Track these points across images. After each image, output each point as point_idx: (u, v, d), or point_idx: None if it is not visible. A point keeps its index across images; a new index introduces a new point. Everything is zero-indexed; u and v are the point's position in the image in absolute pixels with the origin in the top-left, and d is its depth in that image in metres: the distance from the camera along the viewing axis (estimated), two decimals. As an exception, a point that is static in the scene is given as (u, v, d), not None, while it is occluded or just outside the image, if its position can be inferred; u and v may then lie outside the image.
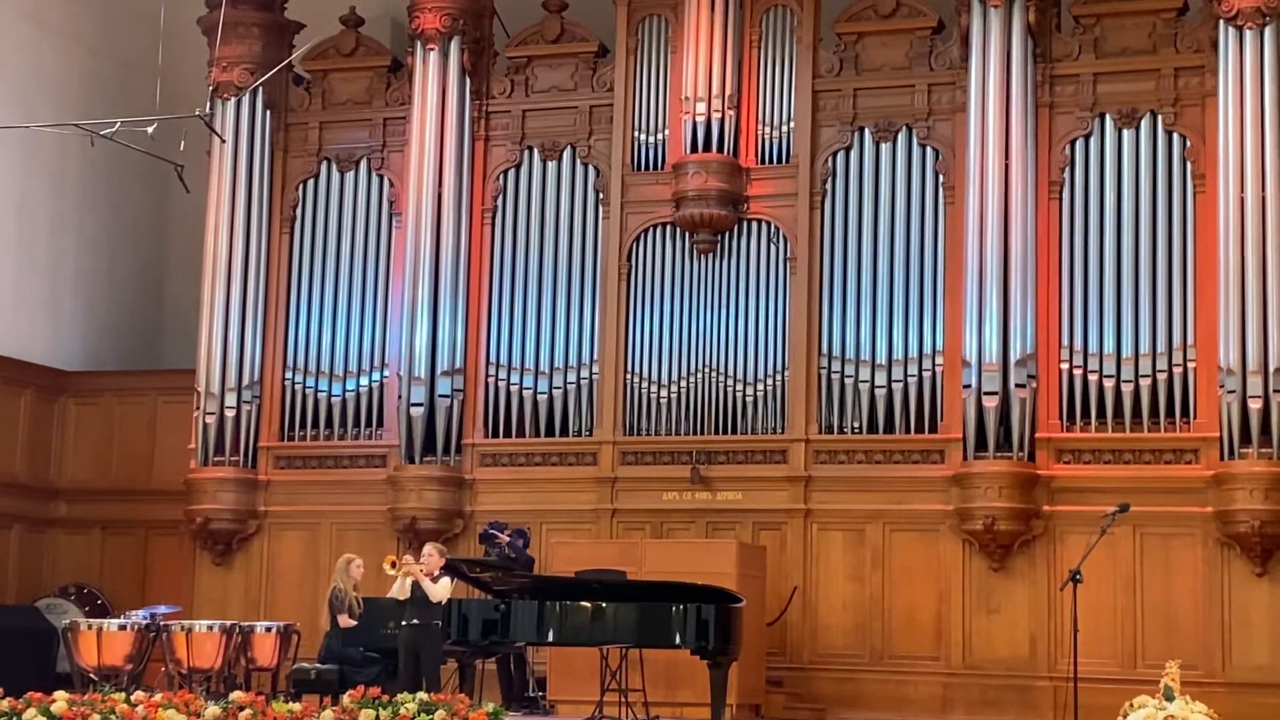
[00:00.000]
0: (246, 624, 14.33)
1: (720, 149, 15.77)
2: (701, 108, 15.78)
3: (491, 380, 16.46)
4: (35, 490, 17.93)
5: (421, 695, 10.51)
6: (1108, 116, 15.18)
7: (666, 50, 16.32)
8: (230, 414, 16.85)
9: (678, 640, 12.20)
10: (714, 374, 15.84)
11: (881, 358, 15.40)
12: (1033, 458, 14.85)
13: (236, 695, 10.35)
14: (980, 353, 14.85)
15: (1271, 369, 14.08)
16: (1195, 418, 14.59)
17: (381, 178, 17.13)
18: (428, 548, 13.32)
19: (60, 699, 10.11)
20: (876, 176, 15.74)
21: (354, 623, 13.77)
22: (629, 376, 16.07)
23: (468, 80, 16.72)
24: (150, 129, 13.23)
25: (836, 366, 15.52)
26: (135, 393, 18.24)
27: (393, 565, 12.95)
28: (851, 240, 15.70)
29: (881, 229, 15.62)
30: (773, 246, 15.91)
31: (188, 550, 17.17)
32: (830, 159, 15.85)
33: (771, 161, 15.97)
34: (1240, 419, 14.12)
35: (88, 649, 13.45)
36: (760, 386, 15.72)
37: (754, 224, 15.98)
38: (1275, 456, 14.07)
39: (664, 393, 15.96)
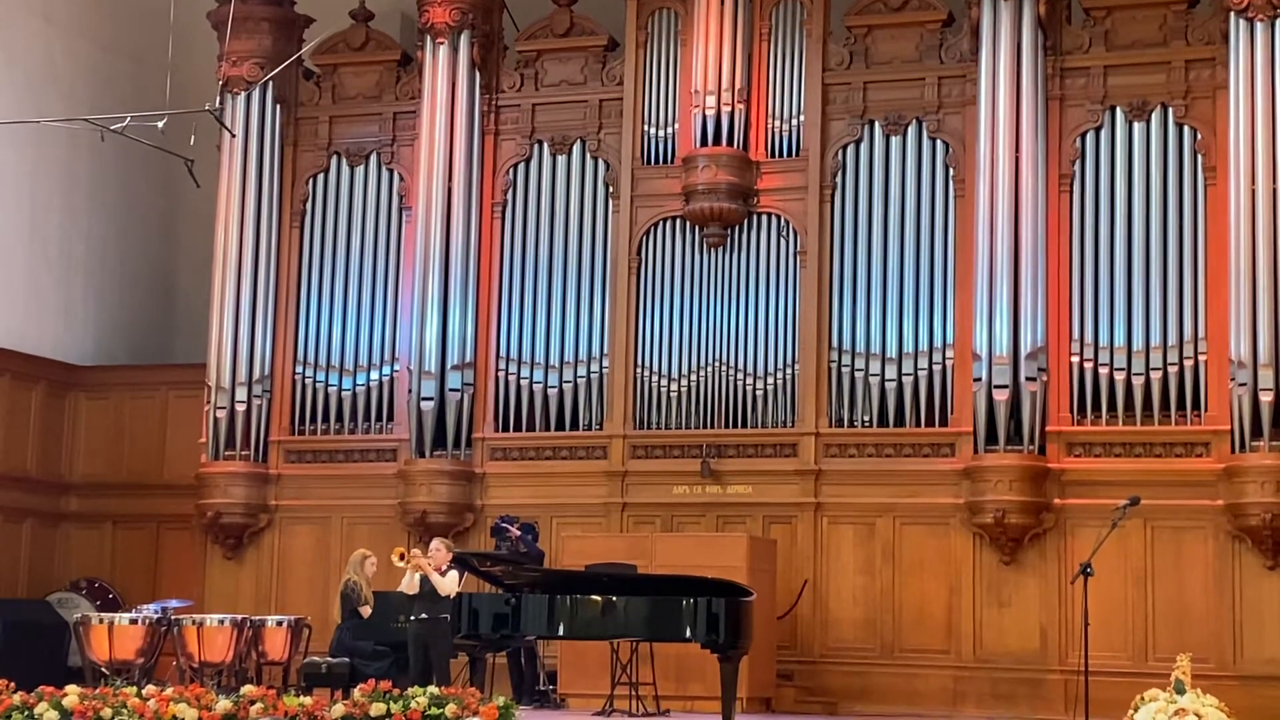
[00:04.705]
0: (257, 618, 14.35)
1: (730, 142, 15.77)
2: (711, 101, 15.77)
3: (501, 374, 16.47)
4: (46, 485, 17.95)
5: (432, 689, 10.53)
6: (1118, 109, 15.16)
7: (676, 44, 16.31)
8: (241, 408, 16.87)
9: (688, 634, 12.18)
10: (724, 368, 15.84)
11: (892, 351, 15.39)
12: (1043, 451, 14.84)
13: (248, 689, 10.39)
14: (990, 346, 14.83)
15: (1283, 362, 14.07)
16: (1206, 410, 14.57)
17: (391, 172, 17.13)
18: (435, 542, 13.34)
19: (72, 693, 10.15)
20: (886, 170, 15.72)
21: (369, 611, 13.79)
22: (639, 370, 16.06)
23: (477, 74, 16.72)
24: (160, 124, 13.24)
25: (847, 360, 15.51)
26: (146, 387, 18.25)
27: (401, 557, 12.96)
28: (862, 234, 15.69)
29: (892, 222, 15.61)
30: (783, 240, 15.91)
31: (199, 544, 17.20)
32: (840, 152, 15.83)
33: (781, 155, 15.95)
34: (1251, 412, 14.10)
35: (99, 643, 13.47)
36: (770, 380, 15.71)
37: (764, 217, 15.97)
38: (1286, 449, 14.07)
39: (674, 386, 15.96)
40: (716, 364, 15.87)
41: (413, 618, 13.04)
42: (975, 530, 14.97)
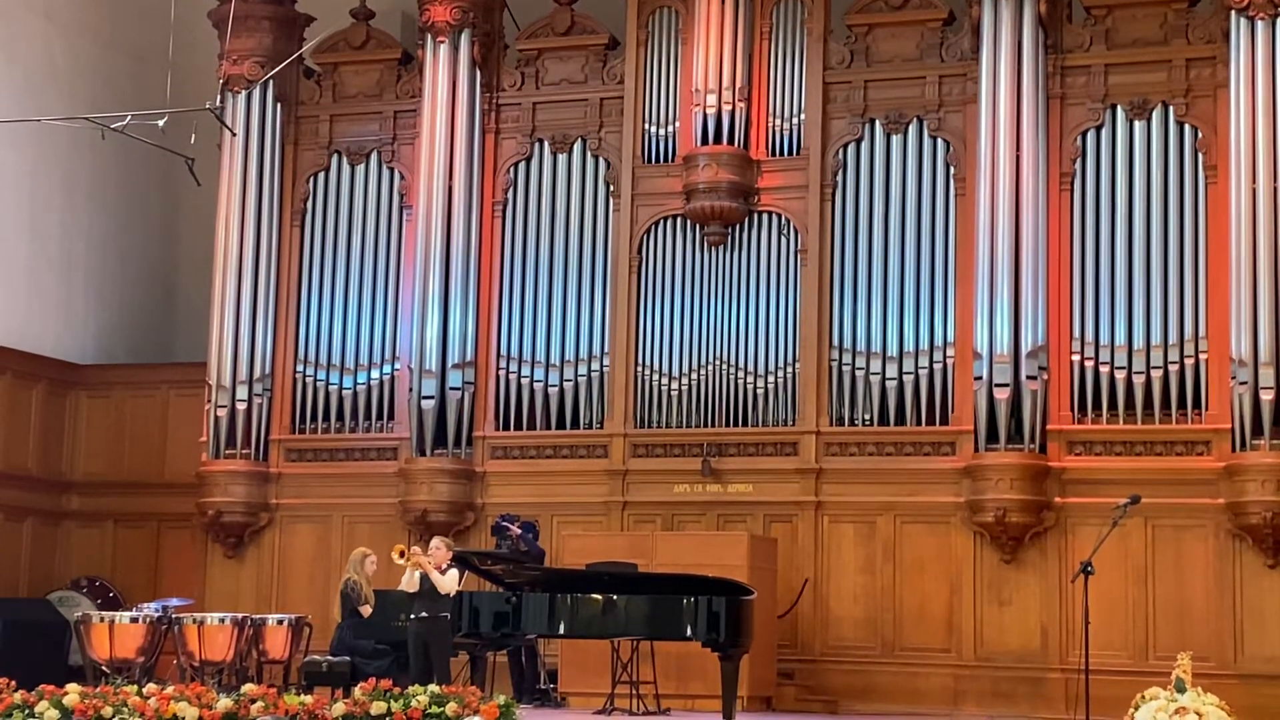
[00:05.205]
0: (258, 616, 14.35)
1: (731, 141, 15.76)
2: (712, 100, 15.77)
3: (502, 373, 16.47)
4: (47, 483, 17.96)
5: (433, 688, 10.54)
6: (1119, 108, 15.15)
7: (677, 42, 16.31)
8: (241, 407, 16.87)
9: (689, 633, 12.18)
10: (725, 366, 15.84)
11: (893, 350, 15.38)
12: (1044, 449, 14.84)
13: (248, 688, 10.39)
14: (991, 344, 14.83)
15: (1283, 360, 14.07)
16: (1207, 409, 14.57)
17: (392, 171, 17.13)
18: (435, 541, 13.35)
19: (73, 692, 10.15)
20: (887, 168, 15.72)
21: (369, 610, 13.79)
22: (640, 369, 16.06)
23: (478, 73, 16.72)
24: (161, 122, 13.24)
25: (847, 359, 15.51)
26: (147, 386, 18.26)
27: (401, 555, 12.96)
28: (862, 232, 15.69)
29: (892, 221, 15.61)
30: (783, 239, 15.90)
31: (199, 543, 17.21)
32: (841, 151, 15.83)
33: (782, 154, 15.95)
34: (1252, 410, 14.10)
35: (100, 642, 13.47)
36: (771, 379, 15.71)
37: (764, 216, 15.97)
38: (1287, 448, 14.07)
39: (675, 385, 15.96)
40: (717, 362, 15.87)
41: (413, 616, 13.05)
42: (976, 529, 14.97)
